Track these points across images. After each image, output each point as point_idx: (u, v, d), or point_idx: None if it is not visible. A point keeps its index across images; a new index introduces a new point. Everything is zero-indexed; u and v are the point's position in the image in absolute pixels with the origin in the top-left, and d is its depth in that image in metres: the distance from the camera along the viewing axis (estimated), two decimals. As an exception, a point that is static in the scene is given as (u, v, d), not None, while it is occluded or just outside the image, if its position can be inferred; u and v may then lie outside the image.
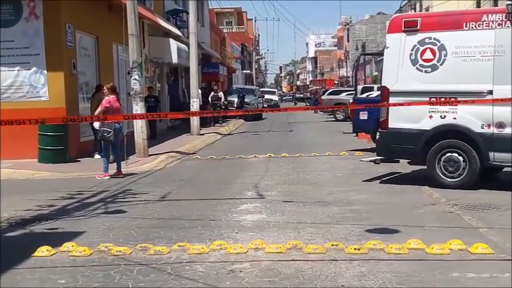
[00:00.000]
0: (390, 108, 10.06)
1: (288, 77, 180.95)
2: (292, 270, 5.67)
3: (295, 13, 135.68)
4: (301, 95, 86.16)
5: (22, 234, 7.50)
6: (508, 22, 9.26)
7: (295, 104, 72.03)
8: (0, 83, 14.91)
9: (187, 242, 6.68)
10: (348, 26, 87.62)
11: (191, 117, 22.93)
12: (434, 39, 9.79)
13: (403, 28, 10.07)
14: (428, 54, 9.84)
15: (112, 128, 11.95)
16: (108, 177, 12.12)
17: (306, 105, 53.90)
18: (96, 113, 12.21)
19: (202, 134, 22.64)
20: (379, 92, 15.23)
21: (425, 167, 10.18)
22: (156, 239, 6.96)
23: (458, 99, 9.40)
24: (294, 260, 5.97)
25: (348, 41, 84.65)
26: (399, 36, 10.09)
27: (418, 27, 9.95)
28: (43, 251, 6.41)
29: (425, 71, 9.87)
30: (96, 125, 12.39)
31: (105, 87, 12.94)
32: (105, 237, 7.10)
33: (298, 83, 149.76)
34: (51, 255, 6.35)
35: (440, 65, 9.76)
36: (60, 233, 7.50)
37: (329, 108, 31.94)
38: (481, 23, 9.44)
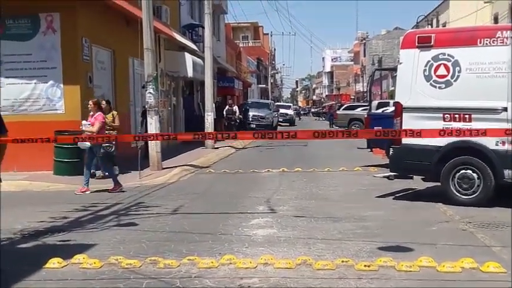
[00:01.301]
0: (403, 123, 10.02)
1: (304, 91, 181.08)
2: (301, 286, 5.65)
3: (312, 28, 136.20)
4: (317, 110, 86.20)
5: (34, 246, 7.55)
6: (523, 39, 9.22)
7: (317, 119, 72.07)
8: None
9: (197, 255, 6.68)
10: (364, 41, 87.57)
11: (206, 131, 22.99)
12: (448, 55, 9.76)
13: (416, 44, 10.05)
14: (442, 70, 9.80)
15: (111, 142, 11.89)
16: (89, 191, 11.99)
17: (323, 120, 53.91)
18: (95, 129, 12.01)
19: (217, 148, 22.69)
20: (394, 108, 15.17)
21: (439, 184, 10.12)
22: (166, 252, 6.97)
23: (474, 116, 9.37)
24: (302, 276, 5.95)
25: (365, 56, 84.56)
26: (413, 52, 10.06)
27: (432, 43, 9.93)
28: (54, 262, 6.44)
29: (439, 87, 9.83)
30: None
31: (90, 103, 12.57)
32: (116, 250, 7.13)
33: (314, 97, 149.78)
34: (62, 267, 6.38)
35: (454, 81, 9.71)
36: (72, 245, 7.54)
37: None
38: (495, 39, 9.41)
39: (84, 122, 12.54)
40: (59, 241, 7.77)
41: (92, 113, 12.39)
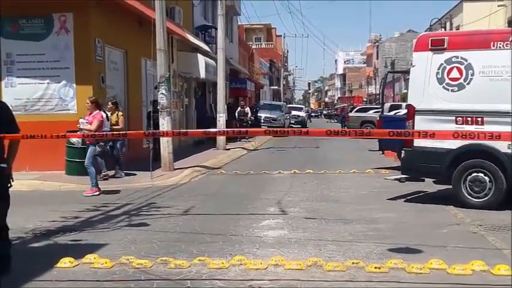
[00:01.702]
0: (416, 126, 9.99)
1: (316, 93, 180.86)
2: (312, 287, 5.65)
3: (324, 30, 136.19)
4: (328, 112, 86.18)
5: (46, 245, 7.59)
6: (536, 42, 9.17)
7: (329, 121, 72.07)
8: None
9: (207, 256, 6.70)
10: (377, 44, 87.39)
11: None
12: (462, 58, 9.72)
13: (430, 46, 10.02)
14: (455, 73, 9.77)
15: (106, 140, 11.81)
16: (98, 192, 11.83)
17: (335, 122, 53.79)
18: (93, 127, 11.89)
19: (228, 149, 22.72)
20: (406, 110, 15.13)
21: (450, 187, 10.08)
22: (177, 252, 6.99)
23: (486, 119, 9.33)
24: (313, 277, 5.95)
25: (377, 58, 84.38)
26: (426, 55, 10.04)
27: (445, 46, 9.90)
28: (65, 262, 6.48)
29: (452, 90, 9.79)
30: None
31: (88, 101, 12.45)
32: (127, 250, 7.16)
33: (327, 99, 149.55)
34: (73, 266, 6.42)
35: (467, 84, 9.67)
36: (83, 244, 7.58)
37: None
38: (508, 42, 9.36)
39: (81, 120, 12.51)
40: (70, 241, 7.81)
41: (89, 112, 12.34)
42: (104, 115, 12.76)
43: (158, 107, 15.83)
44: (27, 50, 15.24)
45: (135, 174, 14.58)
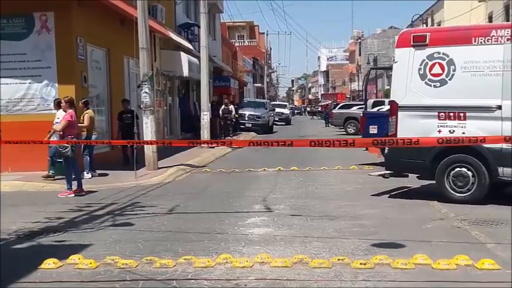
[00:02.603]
0: (399, 122, 10.05)
1: (299, 90, 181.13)
2: (298, 284, 5.66)
3: (307, 27, 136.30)
4: (312, 109, 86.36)
5: (30, 247, 7.54)
6: (517, 37, 9.25)
7: (312, 118, 72.28)
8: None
9: (193, 255, 6.69)
10: (360, 40, 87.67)
11: (201, 130, 23.03)
12: (443, 54, 9.78)
13: (412, 43, 10.07)
14: (437, 69, 9.83)
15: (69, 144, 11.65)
16: (73, 194, 11.67)
17: (319, 119, 53.94)
18: (59, 128, 11.80)
19: (213, 147, 22.66)
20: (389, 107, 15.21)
21: (434, 182, 10.14)
22: (162, 252, 6.97)
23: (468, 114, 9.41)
24: (299, 275, 5.96)
25: (360, 55, 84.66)
26: (408, 51, 10.09)
27: (426, 42, 9.95)
28: (49, 263, 6.43)
29: (434, 86, 9.85)
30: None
31: (62, 101, 12.33)
32: (112, 250, 7.12)
33: (310, 96, 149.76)
34: (58, 267, 6.37)
35: (449, 79, 9.74)
36: (67, 245, 7.53)
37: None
38: (489, 38, 9.43)
39: (55, 120, 12.59)
40: (54, 241, 7.76)
41: (65, 111, 12.12)
42: (74, 115, 12.48)
43: (141, 106, 15.75)
44: (8, 50, 15.07)
45: (107, 175, 14.52)
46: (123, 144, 16.03)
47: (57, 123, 12.34)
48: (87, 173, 13.98)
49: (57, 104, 13.27)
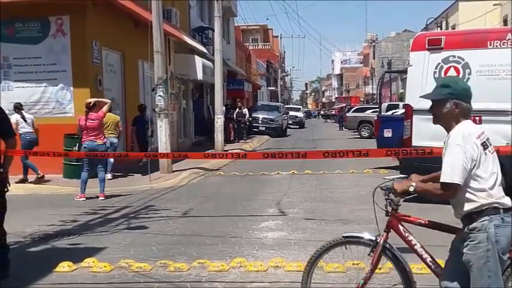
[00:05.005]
0: (414, 125, 10.00)
1: (313, 94, 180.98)
2: (312, 289, 5.62)
3: (321, 30, 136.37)
4: (325, 112, 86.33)
5: (44, 249, 7.57)
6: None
7: (326, 121, 72.23)
8: None
9: (207, 259, 6.68)
10: (373, 44, 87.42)
11: (215, 134, 23.03)
12: (459, 57, 9.73)
13: (426, 46, 10.03)
14: (452, 73, 9.78)
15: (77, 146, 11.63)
16: (84, 198, 11.59)
17: (332, 122, 53.85)
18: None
19: (227, 151, 22.65)
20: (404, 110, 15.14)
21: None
22: (176, 255, 6.97)
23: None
24: (313, 279, 5.91)
25: (374, 58, 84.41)
26: (423, 54, 10.05)
27: (442, 45, 9.91)
28: (64, 266, 6.45)
29: (450, 89, 9.77)
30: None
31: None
32: (126, 253, 7.13)
33: (324, 100, 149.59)
34: (72, 270, 6.39)
35: (465, 83, 9.66)
36: (81, 248, 7.55)
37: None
38: (505, 41, 9.38)
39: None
40: (68, 244, 7.79)
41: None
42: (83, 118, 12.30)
43: (156, 110, 15.79)
44: (24, 54, 15.22)
45: (124, 176, 14.67)
46: (140, 156, 15.90)
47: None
48: (109, 173, 14.07)
49: (15, 108, 13.60)
